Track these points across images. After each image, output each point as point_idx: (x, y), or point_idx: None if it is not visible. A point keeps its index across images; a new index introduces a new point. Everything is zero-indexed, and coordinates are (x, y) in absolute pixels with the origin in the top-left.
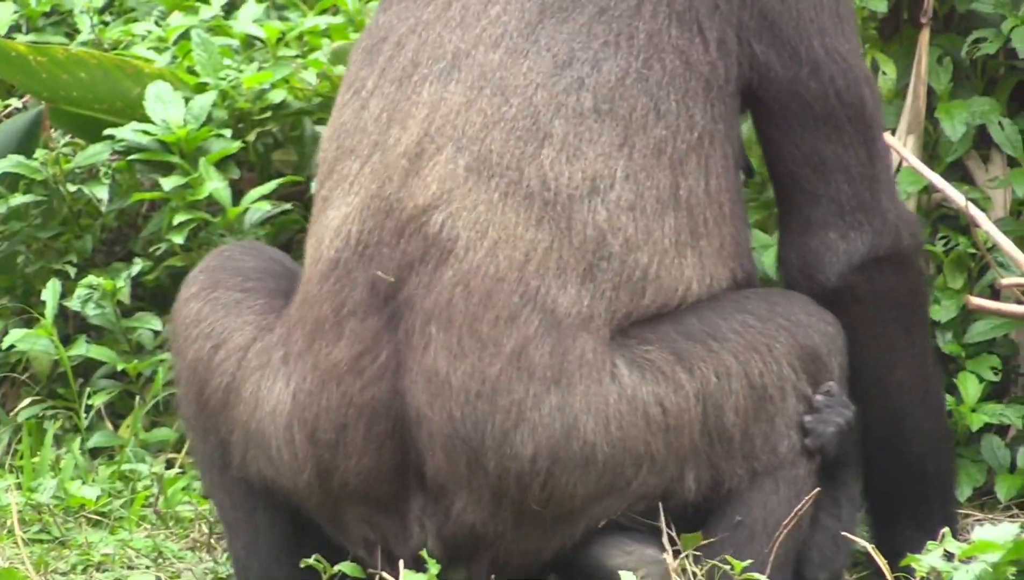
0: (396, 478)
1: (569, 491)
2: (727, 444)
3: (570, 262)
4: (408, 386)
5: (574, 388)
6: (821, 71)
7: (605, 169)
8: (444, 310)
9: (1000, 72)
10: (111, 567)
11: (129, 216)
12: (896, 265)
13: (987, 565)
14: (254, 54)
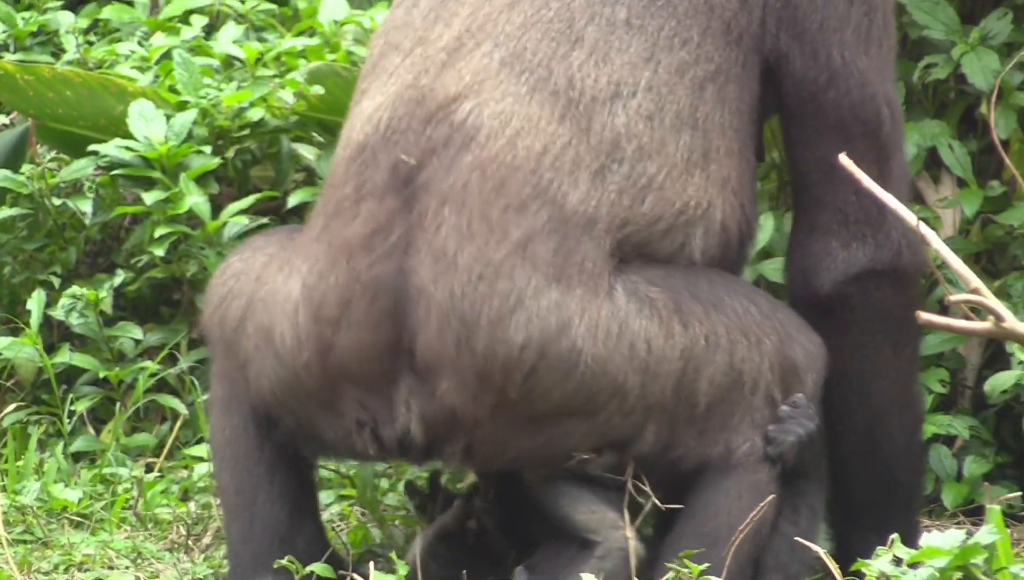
0: (389, 357)
1: (547, 390)
2: (691, 410)
3: (584, 160)
4: (414, 265)
5: (572, 291)
6: (838, 81)
7: (630, 78)
8: (459, 194)
9: (950, 96)
10: (92, 567)
11: (112, 229)
12: (893, 281)
13: (934, 570)
14: (233, 74)
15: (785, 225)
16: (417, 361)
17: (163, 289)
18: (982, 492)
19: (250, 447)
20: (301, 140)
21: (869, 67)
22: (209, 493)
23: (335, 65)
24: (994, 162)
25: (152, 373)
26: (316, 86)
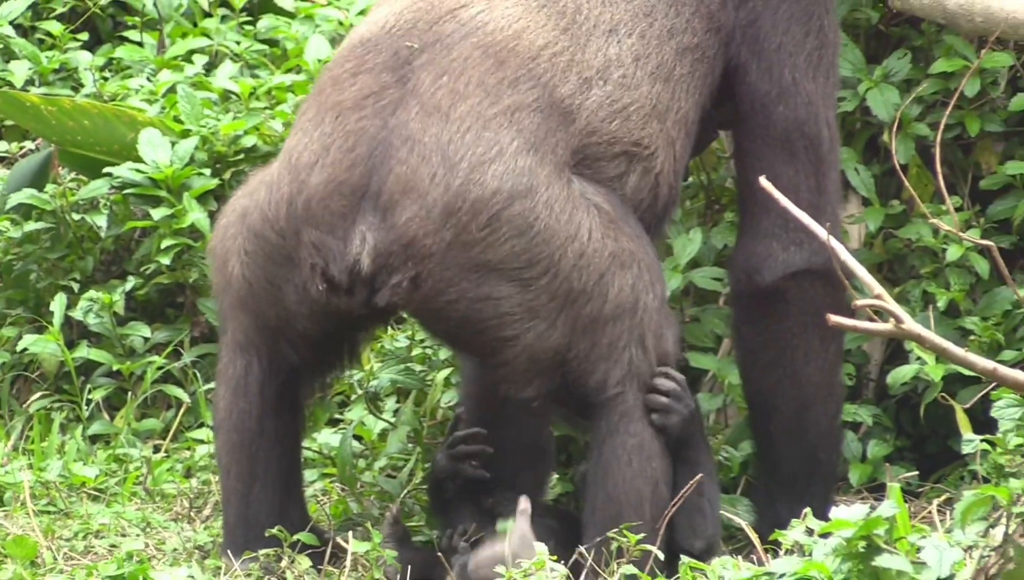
0: (354, 197)
1: (501, 239)
2: (596, 314)
3: (576, 68)
4: (403, 119)
5: (544, 164)
6: (787, 97)
7: (630, 22)
8: (459, 65)
9: (857, 126)
10: (107, 535)
11: (124, 241)
12: (825, 281)
13: (842, 540)
14: (230, 106)
15: (712, 239)
16: (383, 197)
17: (169, 293)
18: (883, 471)
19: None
20: None
21: (815, 91)
22: (209, 471)
23: None
24: (894, 184)
25: (159, 366)
26: None
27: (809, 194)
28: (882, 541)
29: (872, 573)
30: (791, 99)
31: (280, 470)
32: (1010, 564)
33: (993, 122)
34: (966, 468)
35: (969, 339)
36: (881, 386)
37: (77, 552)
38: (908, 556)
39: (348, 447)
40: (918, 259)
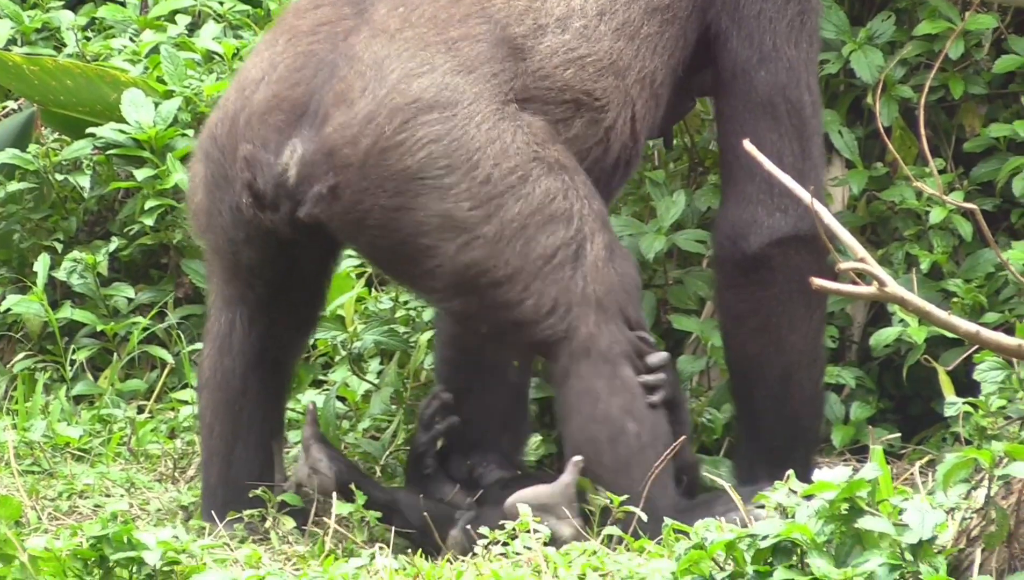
0: (292, 111)
1: (416, 144)
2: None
3: (534, 14)
4: (351, 41)
5: (476, 85)
6: (769, 63)
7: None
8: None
9: (840, 89)
10: (91, 495)
11: (107, 202)
12: (810, 247)
13: (825, 502)
14: (213, 66)
15: (695, 201)
16: (320, 112)
17: (152, 254)
18: (866, 433)
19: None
20: None
21: (797, 57)
22: (193, 431)
23: None
24: (878, 146)
25: (143, 327)
26: None
27: (793, 159)
28: (864, 503)
29: (854, 535)
30: (773, 65)
31: (263, 431)
32: (992, 526)
33: (977, 84)
34: (948, 430)
35: (952, 301)
36: (864, 348)
37: (61, 512)
38: (890, 518)
39: (332, 408)
40: (901, 221)
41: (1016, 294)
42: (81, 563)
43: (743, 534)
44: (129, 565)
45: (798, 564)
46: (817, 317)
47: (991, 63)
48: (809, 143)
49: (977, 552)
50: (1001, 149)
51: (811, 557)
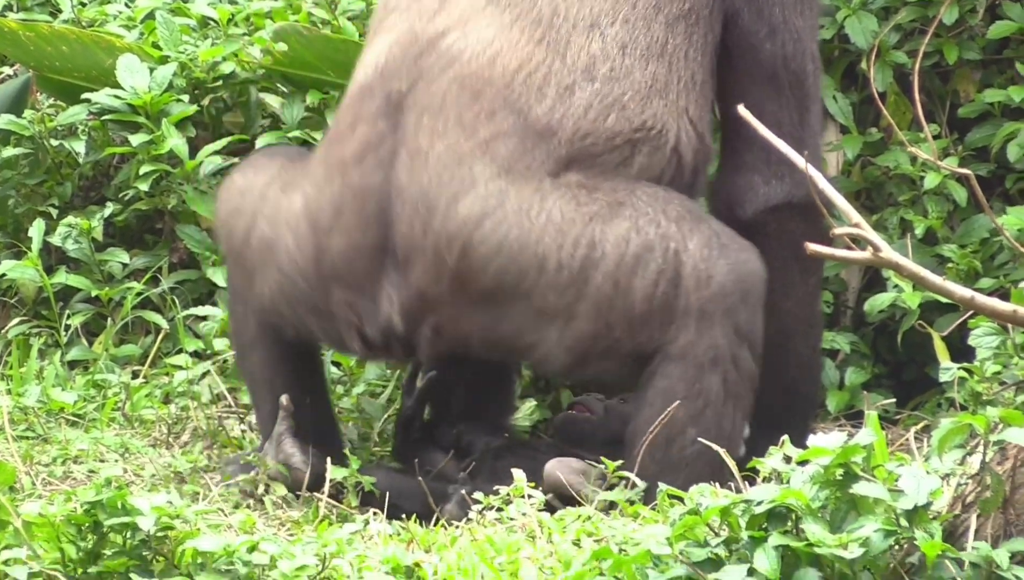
0: (375, 257)
1: (483, 263)
2: (603, 284)
3: (556, 76)
4: (396, 168)
5: (515, 182)
6: (776, 35)
7: (610, 10)
8: (439, 103)
9: (835, 54)
10: (85, 460)
11: (102, 167)
12: (805, 214)
13: (820, 467)
14: (208, 32)
15: None
16: (398, 255)
17: (147, 219)
18: (861, 399)
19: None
20: (267, 90)
21: (803, 26)
22: (187, 397)
23: (297, 25)
24: (872, 111)
25: (138, 292)
26: (280, 43)
27: (792, 128)
28: (859, 469)
29: (850, 500)
30: (780, 36)
31: (299, 378)
32: (987, 492)
33: (971, 50)
34: (943, 396)
35: (947, 267)
36: (859, 314)
37: (56, 478)
38: (885, 484)
39: (326, 373)
40: (896, 187)
41: (1011, 259)
42: (75, 528)
43: (738, 499)
44: (123, 531)
45: (793, 530)
46: (812, 283)
47: (985, 28)
48: (808, 112)
49: (972, 518)
50: (995, 114)
51: (806, 523)
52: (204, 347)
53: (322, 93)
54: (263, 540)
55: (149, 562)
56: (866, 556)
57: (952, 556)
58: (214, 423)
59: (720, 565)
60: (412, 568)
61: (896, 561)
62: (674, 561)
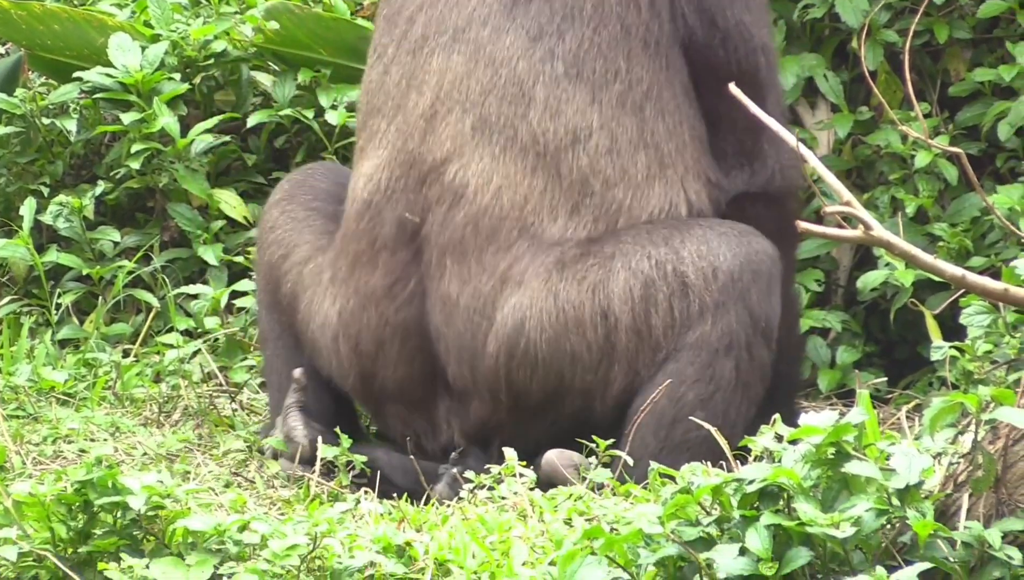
0: (426, 384)
1: (529, 377)
2: (644, 330)
3: (560, 201)
4: (430, 309)
5: (532, 289)
6: (728, 40)
7: (583, 122)
8: (457, 245)
9: (825, 33)
10: (76, 439)
11: (94, 145)
12: (766, 200)
13: (811, 446)
14: (200, 10)
15: None
16: (452, 387)
17: (138, 198)
18: (853, 378)
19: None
20: (259, 69)
21: (751, 20)
22: (178, 375)
23: (288, 3)
24: (863, 90)
25: (129, 271)
26: (272, 22)
27: (747, 120)
28: (851, 448)
29: (841, 479)
30: (732, 40)
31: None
32: (979, 471)
33: (961, 29)
34: (935, 374)
35: (938, 245)
36: (850, 292)
37: (46, 457)
38: (877, 463)
39: None
40: (887, 165)
41: (1001, 238)
42: (66, 508)
43: (729, 478)
44: (114, 510)
45: (784, 509)
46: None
47: (975, 8)
48: (766, 102)
49: (964, 497)
50: (986, 93)
51: (797, 502)
52: (195, 326)
53: (313, 71)
54: (254, 519)
55: (140, 541)
56: (858, 535)
57: (944, 535)
58: (205, 402)
59: (712, 544)
60: (403, 547)
61: (888, 540)
62: (666, 540)
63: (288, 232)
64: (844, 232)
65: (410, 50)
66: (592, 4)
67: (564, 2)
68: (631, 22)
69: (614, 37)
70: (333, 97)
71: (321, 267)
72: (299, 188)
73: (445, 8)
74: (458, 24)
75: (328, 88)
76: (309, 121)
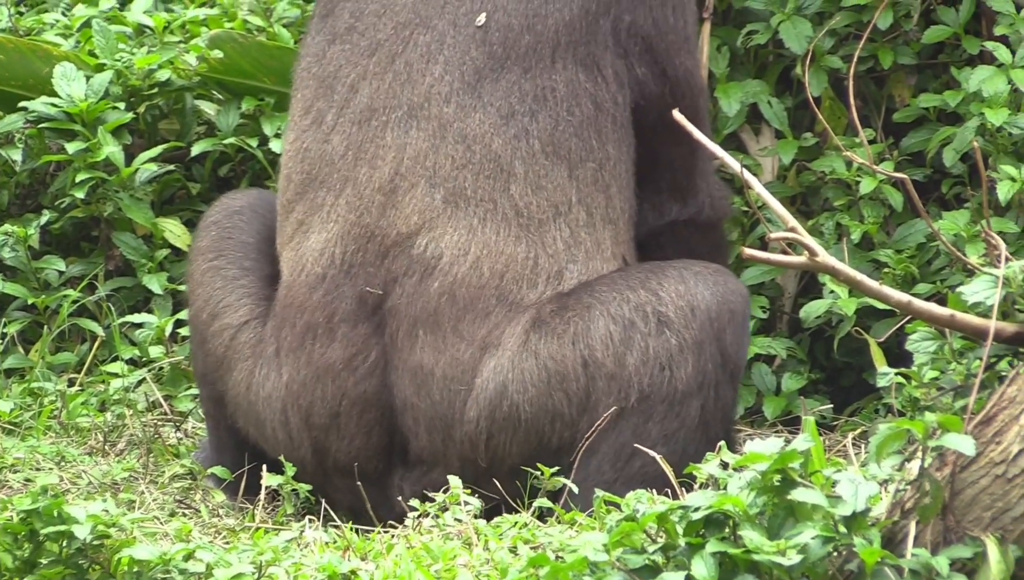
0: (382, 457)
1: (506, 444)
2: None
3: (544, 269)
4: (395, 380)
5: (509, 354)
6: (677, 89)
7: (563, 197)
8: (431, 316)
9: (769, 59)
10: (22, 468)
11: (39, 175)
12: (697, 227)
13: (757, 473)
14: (144, 40)
15: None
16: (410, 458)
17: (83, 227)
18: (798, 405)
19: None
20: (203, 97)
21: (693, 64)
22: (123, 404)
23: (232, 32)
24: (807, 116)
25: (74, 300)
26: (216, 51)
27: (682, 160)
28: (797, 475)
29: (787, 507)
30: (680, 87)
31: None
32: (926, 498)
33: (906, 55)
34: (881, 401)
35: (883, 272)
36: (795, 319)
37: None
38: (823, 490)
39: None
40: (831, 192)
41: (947, 264)
42: (11, 537)
43: (675, 506)
44: (59, 539)
45: (730, 536)
46: None
47: (920, 33)
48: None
49: (911, 524)
50: (931, 119)
51: (743, 529)
52: (140, 354)
53: (257, 100)
54: (199, 548)
55: (85, 570)
56: (804, 563)
57: (891, 563)
58: (150, 431)
59: (657, 572)
60: (348, 576)
61: (835, 568)
62: (611, 568)
63: (218, 290)
64: (789, 259)
65: (355, 120)
66: (564, 84)
67: (535, 83)
68: (601, 98)
69: (587, 116)
70: (277, 125)
71: (263, 338)
72: (227, 242)
73: (395, 82)
74: (413, 100)
75: (272, 116)
76: (253, 149)
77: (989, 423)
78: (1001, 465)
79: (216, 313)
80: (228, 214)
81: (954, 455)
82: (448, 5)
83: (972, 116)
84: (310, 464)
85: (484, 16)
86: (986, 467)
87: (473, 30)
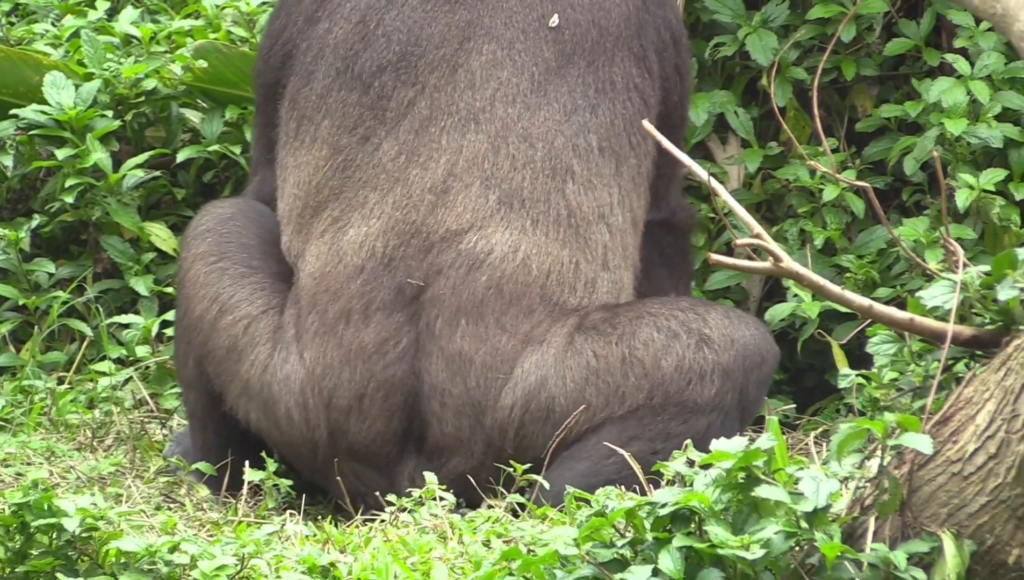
0: (397, 443)
1: (533, 438)
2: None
3: (585, 273)
4: (427, 366)
5: (550, 356)
6: (685, 95)
7: (608, 197)
8: (476, 307)
9: (736, 71)
10: (13, 463)
11: (30, 180)
12: (669, 231)
13: (722, 471)
14: (131, 50)
15: None
16: (427, 445)
17: (72, 230)
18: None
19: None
20: (188, 106)
21: (689, 84)
22: (111, 402)
23: (217, 43)
24: (773, 126)
25: (63, 301)
26: (201, 60)
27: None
28: (761, 472)
29: (751, 503)
30: (687, 93)
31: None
32: (885, 495)
33: (868, 67)
34: (842, 402)
35: (845, 277)
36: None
37: None
38: (786, 487)
39: None
40: (795, 199)
41: (907, 269)
42: (3, 529)
43: (643, 502)
44: (49, 531)
45: (696, 531)
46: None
47: (882, 46)
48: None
49: (871, 520)
50: (892, 129)
51: (709, 525)
52: (127, 354)
53: (240, 108)
54: (184, 541)
55: (74, 562)
56: (767, 557)
57: (851, 557)
58: (136, 427)
59: (626, 566)
60: (328, 568)
61: (796, 562)
62: (581, 562)
63: (227, 288)
64: (754, 264)
65: (412, 129)
66: (621, 77)
67: (597, 76)
68: (647, 93)
69: (636, 111)
70: None
71: (280, 324)
72: (227, 245)
73: (455, 93)
74: (474, 105)
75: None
76: (236, 157)
77: (946, 423)
78: (957, 463)
79: (226, 308)
80: (221, 221)
81: (912, 454)
82: (515, 14)
83: (932, 126)
84: (323, 446)
85: (557, 17)
86: (943, 465)
87: (545, 32)
